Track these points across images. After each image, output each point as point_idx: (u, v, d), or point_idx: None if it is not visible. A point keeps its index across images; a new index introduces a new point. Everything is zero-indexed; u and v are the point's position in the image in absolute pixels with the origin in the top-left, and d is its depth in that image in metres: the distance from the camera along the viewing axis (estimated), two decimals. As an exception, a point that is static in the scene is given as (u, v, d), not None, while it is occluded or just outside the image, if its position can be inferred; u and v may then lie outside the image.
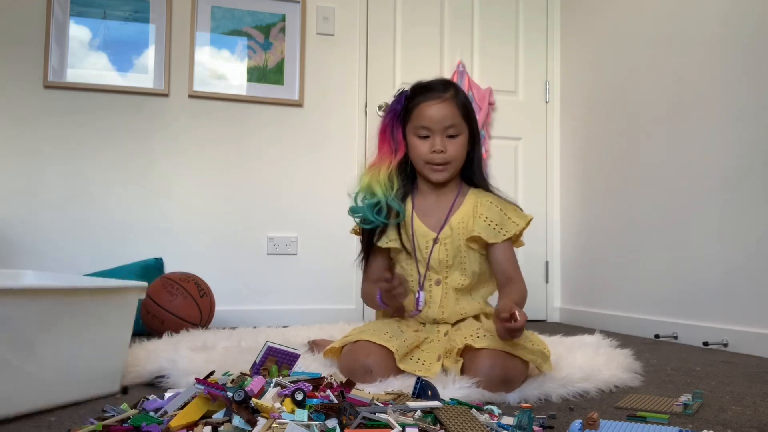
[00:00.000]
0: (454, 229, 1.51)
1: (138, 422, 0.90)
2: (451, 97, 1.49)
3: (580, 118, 3.11)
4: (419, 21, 3.12)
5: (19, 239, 2.59)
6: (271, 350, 1.19)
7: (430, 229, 1.53)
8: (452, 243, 1.51)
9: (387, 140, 1.53)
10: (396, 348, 1.35)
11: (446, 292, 1.52)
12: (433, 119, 1.47)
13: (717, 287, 2.20)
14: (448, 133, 1.48)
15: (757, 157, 2.06)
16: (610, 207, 2.83)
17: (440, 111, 1.48)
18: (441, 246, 1.51)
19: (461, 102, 1.51)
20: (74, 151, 2.68)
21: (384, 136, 1.54)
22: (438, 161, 1.49)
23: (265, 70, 2.91)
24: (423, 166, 1.52)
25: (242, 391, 0.89)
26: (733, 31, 2.17)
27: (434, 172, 1.51)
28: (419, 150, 1.50)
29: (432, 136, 1.49)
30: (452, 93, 1.50)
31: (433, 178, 1.52)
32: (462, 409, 0.97)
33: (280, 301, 2.86)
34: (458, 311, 1.52)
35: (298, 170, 2.91)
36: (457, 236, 1.51)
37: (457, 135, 1.49)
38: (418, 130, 1.50)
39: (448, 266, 1.52)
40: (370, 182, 1.51)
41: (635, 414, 1.16)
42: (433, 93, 1.49)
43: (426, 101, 1.49)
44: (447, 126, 1.48)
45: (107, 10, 2.74)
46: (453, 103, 1.49)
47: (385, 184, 1.49)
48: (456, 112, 1.48)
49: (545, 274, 3.23)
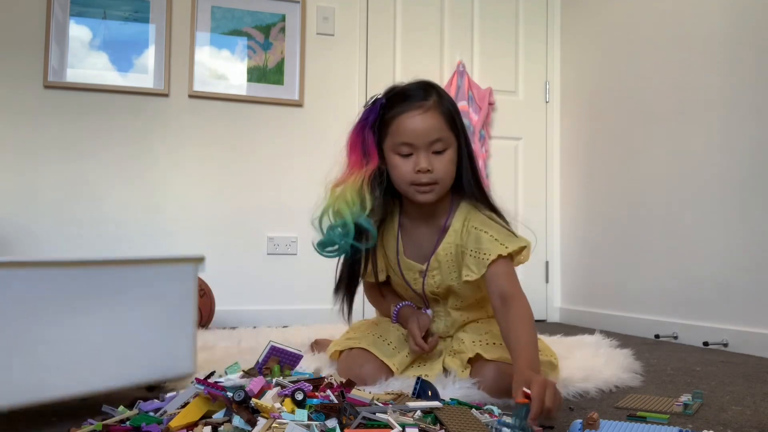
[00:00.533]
0: (442, 262, 1.37)
1: (137, 422, 0.90)
2: (434, 105, 1.27)
3: (580, 118, 3.11)
4: (419, 21, 3.12)
5: (18, 239, 2.59)
6: (274, 350, 1.19)
7: (416, 261, 1.39)
8: (441, 274, 1.38)
9: (356, 151, 1.30)
10: (396, 366, 1.33)
11: (448, 313, 1.44)
12: (416, 134, 1.26)
13: (717, 287, 2.20)
14: (433, 148, 1.27)
15: (758, 158, 2.06)
16: (610, 207, 2.83)
17: (423, 123, 1.26)
18: (429, 279, 1.39)
19: (446, 109, 1.29)
20: (74, 151, 2.68)
21: (353, 148, 1.32)
22: (424, 181, 1.28)
23: (265, 70, 2.91)
24: (407, 187, 1.30)
25: (242, 391, 0.89)
26: (735, 30, 2.17)
27: (420, 193, 1.30)
28: (401, 170, 1.29)
29: (416, 153, 1.27)
30: (435, 100, 1.28)
31: (421, 200, 1.31)
32: (462, 410, 0.97)
33: (280, 301, 2.86)
34: (462, 322, 1.46)
35: (298, 170, 2.91)
36: (446, 268, 1.37)
37: (445, 150, 1.28)
38: (399, 148, 1.28)
39: (440, 295, 1.42)
40: (336, 202, 1.28)
41: (635, 414, 1.16)
42: (414, 102, 1.27)
43: (405, 112, 1.27)
44: (432, 141, 1.27)
45: (107, 10, 2.74)
46: (437, 112, 1.27)
47: (353, 203, 1.26)
48: (441, 123, 1.27)
49: (545, 274, 3.23)
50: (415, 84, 1.33)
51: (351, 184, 1.28)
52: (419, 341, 1.32)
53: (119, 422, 0.92)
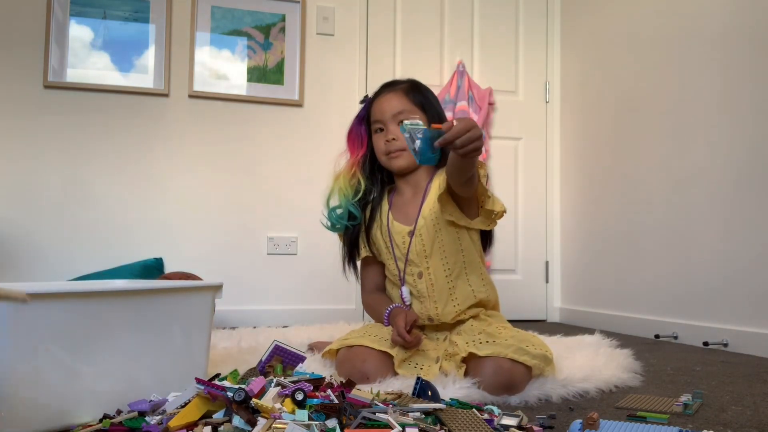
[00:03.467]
0: (426, 218, 1.49)
1: (135, 424, 0.90)
2: (402, 89, 1.52)
3: (580, 118, 3.11)
4: (419, 21, 3.12)
5: (18, 239, 2.59)
6: (278, 349, 1.20)
7: (404, 224, 1.52)
8: (427, 231, 1.49)
9: (353, 143, 1.57)
10: (396, 353, 1.35)
11: (432, 284, 1.49)
12: (382, 110, 1.51)
13: (717, 287, 2.20)
14: (398, 119, 1.49)
15: (758, 158, 2.06)
16: (610, 207, 2.83)
17: (389, 101, 1.51)
18: (417, 238, 1.49)
19: (415, 94, 1.52)
20: (73, 151, 2.68)
21: (350, 140, 1.58)
22: (393, 149, 1.50)
23: (265, 70, 2.92)
24: (384, 158, 1.53)
25: (242, 391, 0.89)
26: (735, 30, 2.17)
27: (392, 159, 1.52)
28: (377, 144, 1.53)
29: (385, 128, 1.51)
30: (406, 86, 1.53)
31: (394, 166, 1.53)
32: (465, 411, 0.97)
33: (280, 301, 2.86)
34: (453, 305, 1.48)
35: (298, 170, 2.91)
36: (431, 223, 1.49)
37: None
38: (374, 126, 1.54)
39: (426, 256, 1.49)
40: (333, 187, 1.55)
41: (635, 414, 1.16)
42: (387, 88, 1.54)
43: (378, 96, 1.54)
44: (396, 113, 1.49)
45: (107, 10, 2.75)
46: (402, 93, 1.51)
47: (346, 189, 1.54)
48: (405, 101, 1.50)
49: (545, 274, 3.23)
50: (400, 79, 1.59)
51: (344, 174, 1.55)
52: (401, 331, 1.35)
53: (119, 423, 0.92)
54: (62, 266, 2.59)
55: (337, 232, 1.59)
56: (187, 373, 1.12)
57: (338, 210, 1.55)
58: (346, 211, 1.54)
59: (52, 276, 2.57)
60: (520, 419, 0.99)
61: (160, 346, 1.11)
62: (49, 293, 0.97)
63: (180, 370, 1.14)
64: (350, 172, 1.55)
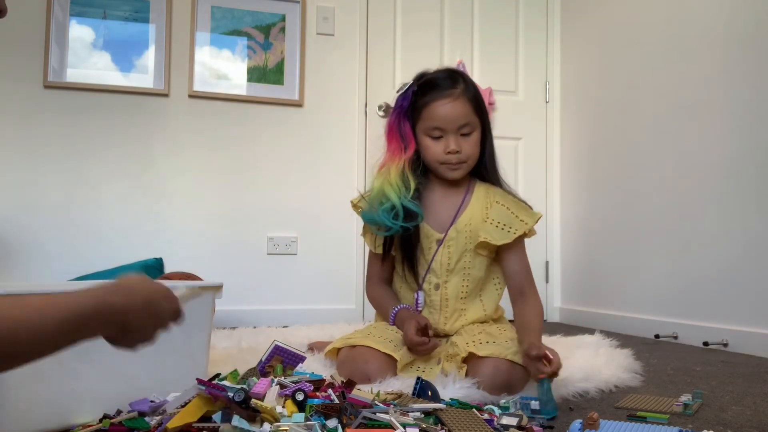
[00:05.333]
0: (461, 231, 1.46)
1: (135, 425, 0.90)
2: (462, 93, 1.42)
3: (580, 118, 3.11)
4: (419, 21, 3.12)
5: (18, 238, 2.59)
6: (278, 349, 1.20)
7: (435, 230, 1.47)
8: (456, 246, 1.46)
9: (395, 137, 1.46)
10: (399, 356, 1.33)
11: (447, 299, 1.47)
12: (447, 120, 1.41)
13: (717, 287, 2.20)
14: (462, 131, 1.43)
15: (758, 158, 2.06)
16: (610, 207, 2.83)
17: (453, 111, 1.41)
18: (445, 248, 1.46)
19: (472, 95, 1.44)
20: (74, 151, 2.68)
21: (392, 134, 1.47)
22: (454, 161, 1.44)
23: (265, 70, 2.91)
24: (438, 166, 1.46)
25: (242, 391, 0.89)
26: (734, 30, 2.17)
27: (451, 170, 1.46)
28: (433, 151, 1.44)
29: (445, 136, 1.43)
30: (462, 88, 1.43)
31: (450, 176, 1.47)
32: (465, 411, 0.97)
33: (280, 301, 2.86)
34: (461, 322, 1.47)
35: (298, 170, 2.91)
36: (462, 239, 1.45)
37: (471, 132, 1.45)
38: (431, 131, 1.44)
39: (449, 270, 1.46)
40: (382, 185, 1.42)
41: (635, 414, 1.16)
42: (443, 91, 1.42)
43: (436, 100, 1.42)
44: (461, 125, 1.42)
45: (107, 10, 2.74)
46: (464, 99, 1.42)
47: (399, 186, 1.41)
48: (469, 109, 1.43)
49: (545, 274, 3.23)
50: (443, 72, 1.47)
51: (395, 168, 1.43)
52: (413, 337, 1.33)
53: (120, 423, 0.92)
54: (62, 266, 2.59)
55: (391, 234, 1.44)
56: (187, 373, 1.11)
57: (390, 210, 1.41)
58: (401, 210, 1.40)
59: (52, 276, 2.57)
60: (520, 419, 0.99)
61: (160, 346, 1.10)
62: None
63: (180, 370, 1.13)
64: (399, 171, 1.43)
